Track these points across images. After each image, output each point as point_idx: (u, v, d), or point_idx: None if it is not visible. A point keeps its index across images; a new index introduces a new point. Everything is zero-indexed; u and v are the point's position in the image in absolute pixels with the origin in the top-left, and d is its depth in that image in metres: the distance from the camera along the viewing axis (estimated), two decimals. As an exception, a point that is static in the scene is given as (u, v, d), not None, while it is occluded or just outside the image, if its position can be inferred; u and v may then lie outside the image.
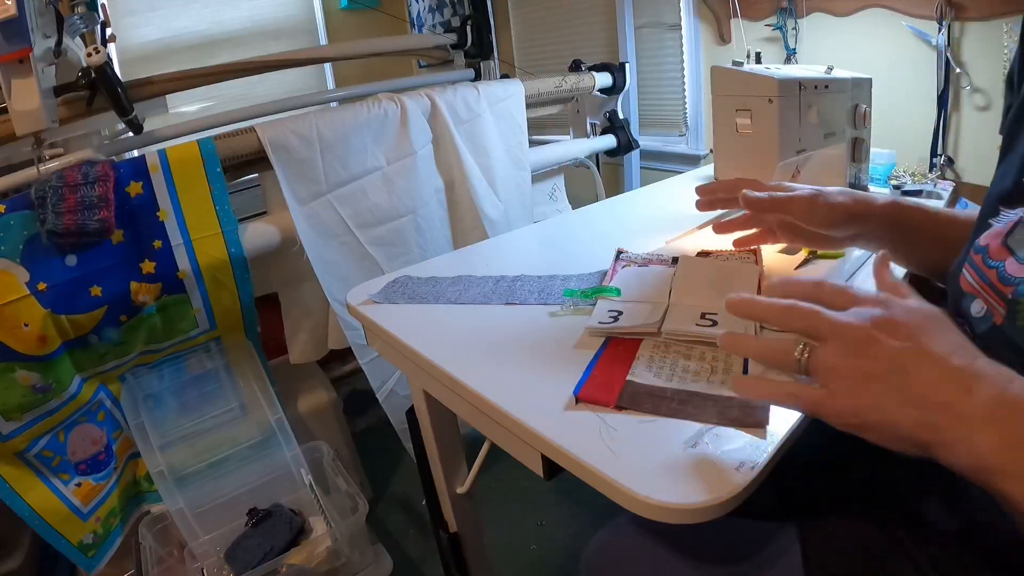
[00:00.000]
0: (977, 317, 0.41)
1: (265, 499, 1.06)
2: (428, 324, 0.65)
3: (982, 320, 0.40)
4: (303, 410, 1.27)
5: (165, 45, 2.25)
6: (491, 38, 1.80)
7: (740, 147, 0.75)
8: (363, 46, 1.68)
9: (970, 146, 1.18)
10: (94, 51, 0.93)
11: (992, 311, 0.39)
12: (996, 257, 0.40)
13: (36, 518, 0.92)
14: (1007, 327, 0.37)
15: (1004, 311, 0.38)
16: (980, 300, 0.41)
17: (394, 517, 1.36)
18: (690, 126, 1.79)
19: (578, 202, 1.67)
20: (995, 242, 0.41)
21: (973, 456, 0.32)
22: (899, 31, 1.21)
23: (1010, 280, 0.38)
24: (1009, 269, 0.38)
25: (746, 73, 0.73)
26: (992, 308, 0.39)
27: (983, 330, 0.40)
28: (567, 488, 1.37)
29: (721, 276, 0.64)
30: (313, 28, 2.60)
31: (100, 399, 1.00)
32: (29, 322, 0.84)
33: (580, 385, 0.49)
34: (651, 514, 0.38)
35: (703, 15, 1.63)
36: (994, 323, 0.39)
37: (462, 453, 0.80)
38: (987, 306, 0.40)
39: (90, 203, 0.86)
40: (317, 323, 1.23)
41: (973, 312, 0.41)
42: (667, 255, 0.73)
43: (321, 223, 1.12)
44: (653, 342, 0.55)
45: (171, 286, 0.97)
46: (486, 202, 1.31)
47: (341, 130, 1.10)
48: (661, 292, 0.63)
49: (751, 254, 0.69)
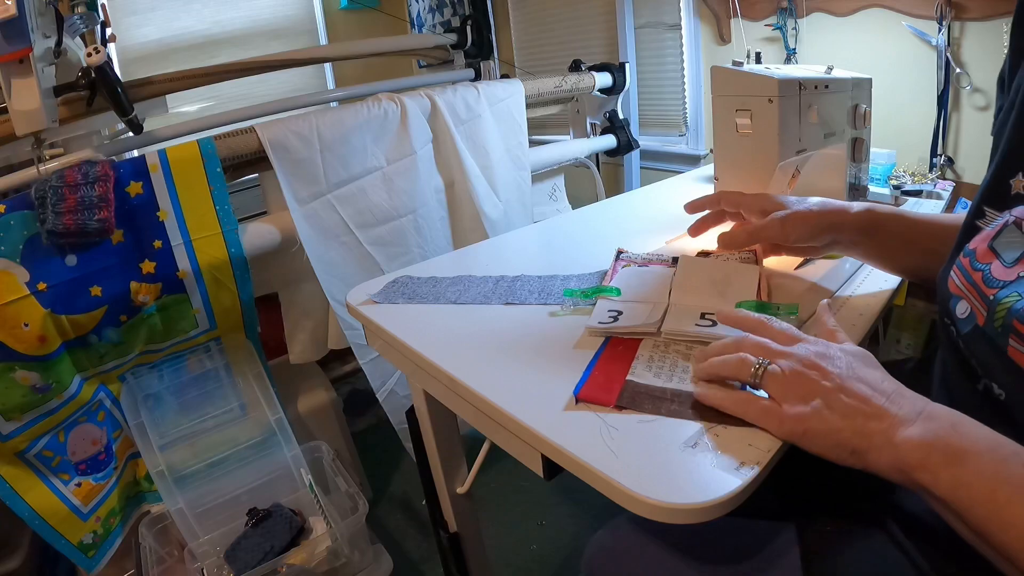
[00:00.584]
0: (962, 318, 0.42)
1: (265, 499, 1.06)
2: (428, 324, 0.65)
3: (966, 321, 0.42)
4: (303, 410, 1.27)
5: (165, 45, 2.25)
6: (491, 38, 1.80)
7: (740, 147, 0.75)
8: (363, 46, 1.68)
9: (970, 146, 1.18)
10: (94, 51, 0.93)
11: (975, 312, 0.41)
12: (983, 260, 0.41)
13: (36, 518, 0.92)
14: (987, 327, 0.39)
15: (985, 312, 0.39)
16: (965, 301, 0.42)
17: (394, 517, 1.36)
18: (690, 126, 1.79)
19: (578, 202, 1.67)
20: (982, 245, 0.42)
21: (897, 455, 0.37)
22: (899, 31, 1.21)
23: (994, 283, 0.39)
24: (994, 272, 0.40)
25: (746, 73, 0.73)
26: (975, 309, 0.41)
27: (967, 331, 0.41)
28: (567, 488, 1.37)
29: (721, 276, 0.64)
30: (313, 28, 2.60)
31: (100, 399, 1.00)
32: (29, 322, 0.84)
33: (580, 385, 0.49)
34: (651, 514, 0.38)
35: (703, 15, 1.63)
36: (977, 323, 0.40)
37: (462, 453, 0.80)
38: (971, 307, 0.41)
39: (90, 203, 0.86)
40: (317, 323, 1.23)
41: (958, 313, 0.43)
42: (667, 255, 0.73)
43: (321, 223, 1.12)
44: (653, 342, 0.55)
45: (171, 286, 0.97)
46: (486, 202, 1.31)
47: (341, 130, 1.10)
48: (661, 292, 0.63)
49: (751, 254, 0.69)
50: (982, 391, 0.41)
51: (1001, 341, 0.37)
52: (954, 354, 0.44)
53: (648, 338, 0.56)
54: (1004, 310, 0.37)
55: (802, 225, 0.59)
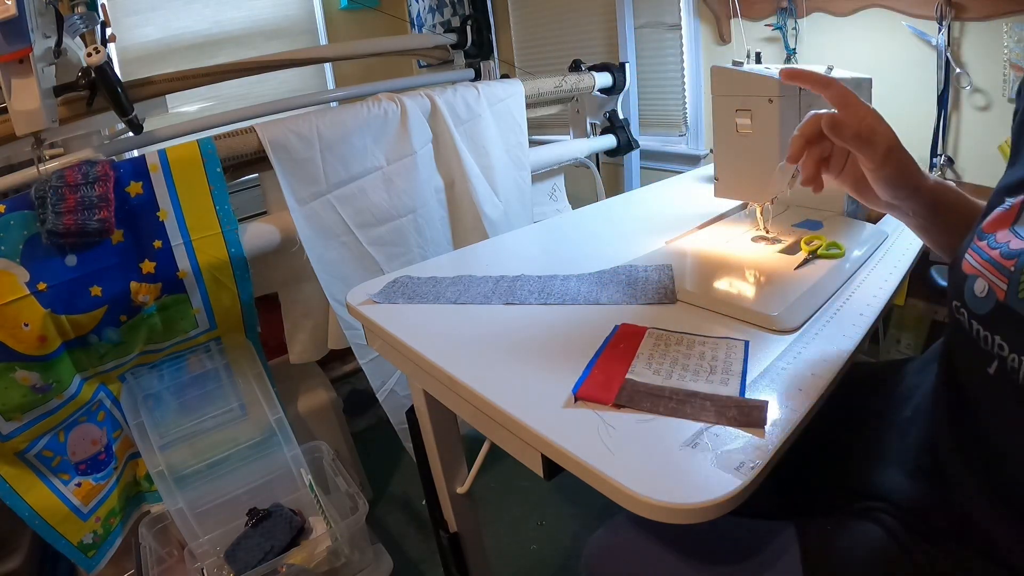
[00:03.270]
0: (980, 297, 0.41)
1: (265, 499, 1.06)
2: (428, 324, 0.65)
3: (985, 300, 0.41)
4: (303, 410, 1.27)
5: (165, 45, 2.25)
6: (491, 38, 1.80)
7: (740, 147, 0.75)
8: (363, 46, 1.68)
9: (970, 146, 1.18)
10: (94, 51, 0.93)
11: (994, 289, 0.40)
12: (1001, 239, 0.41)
13: (36, 518, 0.92)
14: (1010, 300, 0.38)
15: (1006, 286, 0.38)
16: (982, 279, 0.41)
17: (394, 517, 1.36)
18: (690, 126, 1.79)
19: (578, 202, 1.67)
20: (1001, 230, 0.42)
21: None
22: (899, 31, 1.21)
23: (1013, 254, 0.39)
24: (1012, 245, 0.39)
25: (746, 73, 0.73)
26: (994, 286, 0.40)
27: (986, 310, 0.40)
28: (567, 488, 1.37)
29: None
30: (313, 28, 2.60)
31: (100, 399, 1.00)
32: (29, 322, 0.84)
33: (579, 384, 0.49)
34: (651, 514, 0.38)
35: (703, 15, 1.63)
36: (997, 299, 0.39)
37: (462, 453, 0.80)
38: (989, 284, 0.40)
39: (90, 203, 0.86)
40: (317, 323, 1.23)
41: (976, 292, 0.42)
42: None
43: (321, 223, 1.12)
44: (654, 340, 0.55)
45: (171, 286, 0.97)
46: (486, 202, 1.31)
47: (341, 130, 1.10)
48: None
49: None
50: (993, 375, 0.40)
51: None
52: (964, 342, 0.44)
53: (649, 337, 0.56)
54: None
55: (906, 162, 0.52)
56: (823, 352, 0.53)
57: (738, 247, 0.79)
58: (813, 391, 0.48)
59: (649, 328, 0.58)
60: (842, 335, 0.56)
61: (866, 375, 0.66)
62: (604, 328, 0.59)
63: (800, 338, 0.56)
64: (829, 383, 0.49)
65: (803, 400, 0.47)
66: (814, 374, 0.50)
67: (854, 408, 0.62)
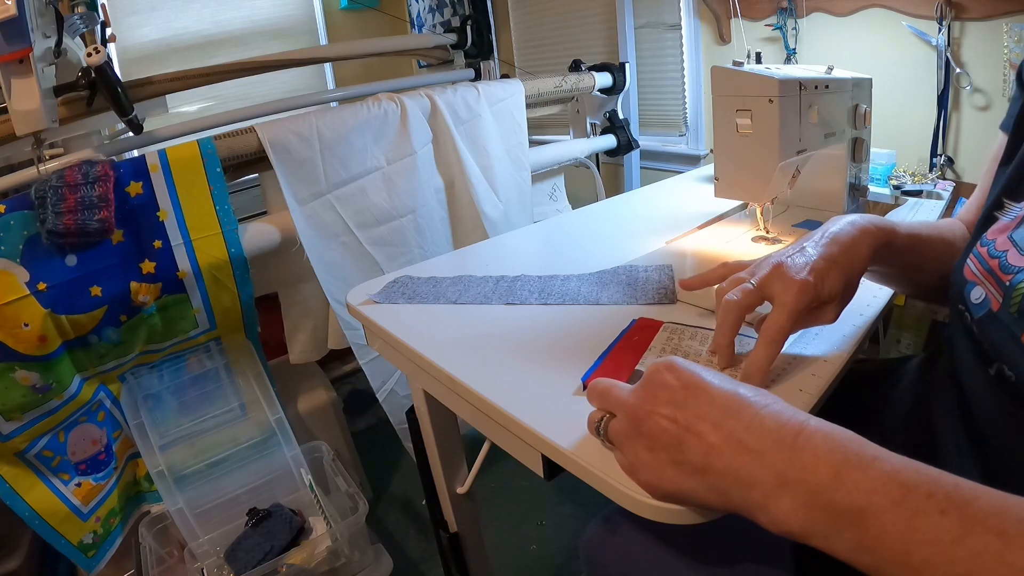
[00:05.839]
0: (976, 303, 0.42)
1: (265, 499, 1.06)
2: (428, 324, 0.65)
3: (980, 306, 0.42)
4: (303, 410, 1.27)
5: (165, 45, 2.25)
6: (491, 38, 1.80)
7: (740, 147, 0.75)
8: (363, 46, 1.68)
9: (970, 146, 1.18)
10: (94, 51, 0.93)
11: (990, 298, 0.41)
12: (1000, 248, 0.42)
13: (36, 518, 0.92)
14: (1002, 312, 0.39)
15: (1001, 298, 0.40)
16: (980, 287, 0.42)
17: (394, 517, 1.36)
18: (690, 126, 1.79)
19: (578, 202, 1.67)
20: (1001, 236, 0.43)
21: (777, 524, 0.31)
22: (899, 31, 1.21)
23: (1010, 269, 0.40)
24: (1010, 259, 0.40)
25: (746, 73, 0.73)
26: (991, 295, 0.41)
27: (980, 315, 0.42)
28: (567, 488, 1.37)
29: None
30: (313, 28, 2.60)
31: (100, 399, 1.00)
32: (29, 322, 0.84)
33: (589, 373, 0.50)
34: (651, 514, 0.38)
35: (703, 15, 1.63)
36: (991, 309, 0.41)
37: (462, 453, 0.80)
38: (986, 292, 0.42)
39: (90, 203, 0.86)
40: (317, 323, 1.23)
41: (973, 299, 0.43)
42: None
43: (321, 223, 1.12)
44: (668, 333, 0.56)
45: (171, 286, 0.97)
46: (486, 202, 1.31)
47: (341, 130, 1.10)
48: None
49: None
50: (995, 375, 0.41)
51: (1017, 328, 0.38)
52: (967, 340, 0.44)
53: (664, 331, 0.56)
54: (1020, 295, 0.38)
55: (846, 270, 0.47)
56: (823, 352, 0.53)
57: (738, 247, 0.79)
58: (813, 391, 0.48)
59: (666, 323, 0.59)
60: (842, 335, 0.56)
61: (866, 375, 0.66)
62: (604, 328, 0.59)
63: (800, 338, 0.56)
64: (829, 383, 0.49)
65: (803, 400, 0.47)
66: (814, 374, 0.50)
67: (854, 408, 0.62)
